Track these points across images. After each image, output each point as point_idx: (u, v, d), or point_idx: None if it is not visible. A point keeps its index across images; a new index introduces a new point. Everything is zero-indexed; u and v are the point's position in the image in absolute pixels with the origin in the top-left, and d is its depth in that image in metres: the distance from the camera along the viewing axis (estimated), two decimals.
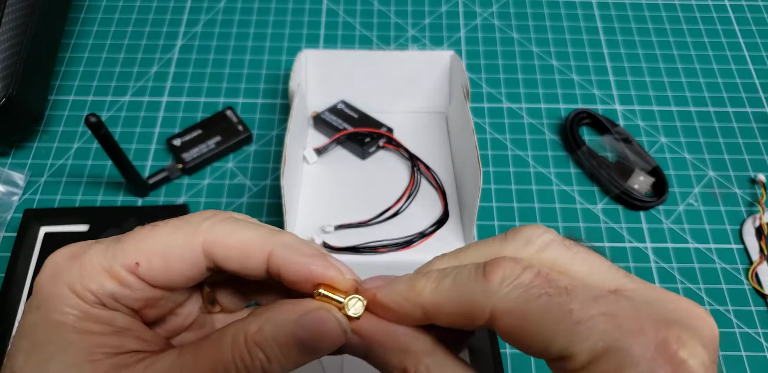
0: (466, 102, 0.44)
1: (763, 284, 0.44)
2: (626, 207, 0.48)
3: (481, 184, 0.39)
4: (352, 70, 0.50)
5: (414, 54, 0.50)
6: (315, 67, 0.50)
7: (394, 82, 0.50)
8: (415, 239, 0.43)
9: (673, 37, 0.58)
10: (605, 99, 0.54)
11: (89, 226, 0.42)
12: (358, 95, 0.51)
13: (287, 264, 0.21)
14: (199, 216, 0.22)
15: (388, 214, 0.45)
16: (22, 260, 0.41)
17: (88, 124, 0.38)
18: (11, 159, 0.50)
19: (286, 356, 0.20)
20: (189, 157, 0.48)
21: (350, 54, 0.50)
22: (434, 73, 0.50)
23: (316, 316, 0.20)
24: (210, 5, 0.59)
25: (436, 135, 0.50)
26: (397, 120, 0.50)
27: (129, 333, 0.21)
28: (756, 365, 0.41)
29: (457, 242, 0.43)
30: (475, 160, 0.40)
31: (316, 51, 0.50)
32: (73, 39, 0.57)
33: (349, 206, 0.45)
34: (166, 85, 0.54)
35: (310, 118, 0.50)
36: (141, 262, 0.21)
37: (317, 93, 0.51)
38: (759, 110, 0.53)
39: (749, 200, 0.48)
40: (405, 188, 0.46)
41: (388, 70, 0.50)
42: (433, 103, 0.51)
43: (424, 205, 0.46)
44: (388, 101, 0.51)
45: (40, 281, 0.21)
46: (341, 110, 0.50)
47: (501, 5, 0.60)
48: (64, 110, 0.52)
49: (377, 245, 0.42)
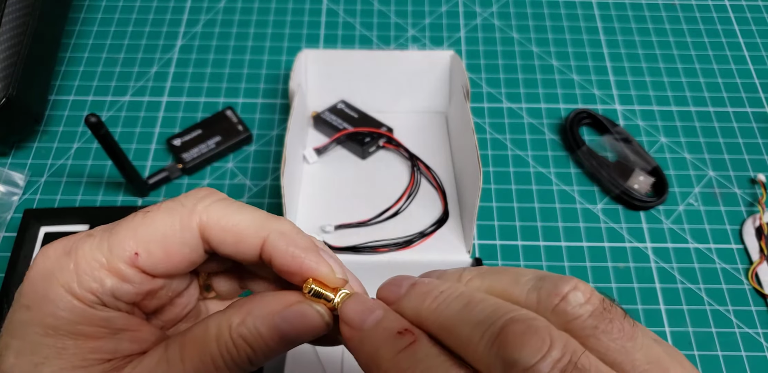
0: (466, 102, 0.44)
1: (763, 284, 0.44)
2: (626, 207, 0.48)
3: (481, 185, 0.39)
4: (352, 70, 0.50)
5: (414, 54, 0.50)
6: (315, 66, 0.50)
7: (394, 82, 0.50)
8: (415, 239, 0.43)
9: (673, 37, 0.58)
10: (605, 99, 0.54)
11: (89, 226, 0.42)
12: (358, 95, 0.51)
13: (280, 255, 0.21)
14: (193, 196, 0.21)
15: (388, 214, 0.45)
16: (22, 260, 0.41)
17: (88, 124, 0.38)
18: (11, 159, 0.50)
19: (269, 346, 0.20)
20: (189, 157, 0.48)
21: (350, 54, 0.50)
22: (434, 72, 0.50)
23: (298, 309, 0.20)
24: (210, 5, 0.59)
25: (436, 135, 0.50)
26: (397, 120, 0.50)
27: (125, 334, 0.21)
28: (756, 366, 0.41)
29: (457, 242, 0.44)
30: (475, 161, 0.40)
31: (316, 51, 0.50)
32: (73, 39, 0.57)
33: (349, 205, 0.45)
34: (166, 85, 0.54)
35: (310, 118, 0.50)
36: (140, 252, 0.20)
37: (317, 93, 0.51)
38: (759, 110, 0.53)
39: (749, 199, 0.48)
40: (405, 187, 0.46)
41: (388, 69, 0.50)
42: (433, 103, 0.51)
43: (424, 204, 0.46)
44: (389, 101, 0.51)
45: (31, 278, 0.20)
46: (341, 110, 0.50)
47: (501, 5, 0.60)
48: (64, 110, 0.52)
49: (377, 244, 0.42)
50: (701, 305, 0.44)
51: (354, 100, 0.51)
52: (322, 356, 0.41)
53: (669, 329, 0.42)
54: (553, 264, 0.45)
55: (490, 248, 0.46)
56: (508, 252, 0.45)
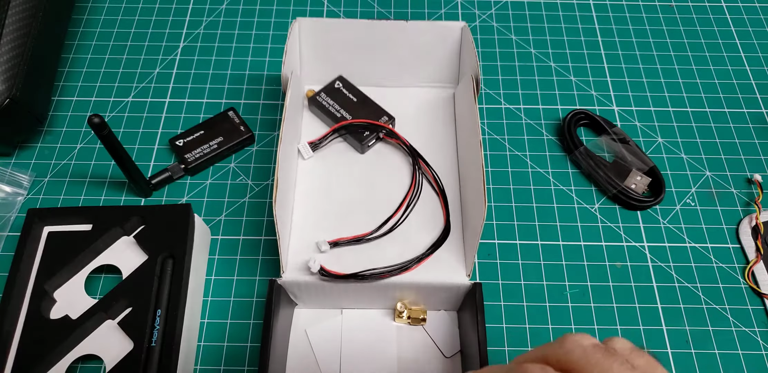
0: (475, 98, 0.42)
1: (760, 283, 0.45)
2: (623, 207, 0.48)
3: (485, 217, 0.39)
4: (352, 42, 0.46)
5: (421, 24, 0.45)
6: (310, 38, 0.46)
7: (397, 56, 0.47)
8: (412, 263, 0.41)
9: (670, 38, 0.58)
10: (603, 100, 0.54)
11: (92, 225, 0.42)
12: (357, 69, 0.47)
13: None
14: None
15: (386, 227, 0.42)
16: (26, 259, 0.41)
17: (92, 124, 0.38)
18: (15, 159, 0.50)
19: None
20: (191, 158, 0.48)
21: (350, 23, 0.46)
22: (443, 46, 0.46)
23: None
24: (212, 7, 0.60)
25: (441, 120, 0.47)
26: (399, 100, 0.47)
27: None
28: (753, 364, 0.42)
29: (457, 265, 0.41)
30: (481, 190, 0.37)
31: (311, 19, 0.45)
32: (76, 40, 0.57)
33: (346, 211, 0.43)
34: (168, 85, 0.54)
35: (305, 98, 0.47)
36: None
37: (313, 67, 0.48)
38: (755, 111, 0.53)
39: (746, 199, 0.49)
40: (405, 191, 0.44)
41: (392, 41, 0.46)
42: (441, 78, 0.48)
43: (425, 214, 0.43)
44: (391, 76, 0.48)
45: None
46: (338, 90, 0.47)
47: (499, 7, 0.60)
48: (68, 111, 0.53)
49: (380, 271, 0.40)
50: (698, 303, 0.44)
51: (353, 75, 0.47)
52: (321, 357, 0.42)
53: (666, 328, 0.43)
54: (551, 263, 0.45)
55: (491, 267, 0.46)
56: (507, 252, 0.46)
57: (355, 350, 0.41)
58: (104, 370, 0.38)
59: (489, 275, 0.45)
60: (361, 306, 0.43)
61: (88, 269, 0.42)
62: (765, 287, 0.44)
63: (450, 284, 0.40)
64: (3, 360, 0.38)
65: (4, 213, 0.47)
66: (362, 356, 0.41)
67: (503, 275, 0.45)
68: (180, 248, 0.41)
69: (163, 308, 0.39)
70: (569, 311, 0.44)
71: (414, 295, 0.41)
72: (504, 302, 0.44)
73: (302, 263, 0.40)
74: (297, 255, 0.41)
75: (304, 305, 0.43)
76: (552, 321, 0.43)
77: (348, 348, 0.41)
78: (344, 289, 0.40)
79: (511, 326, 0.43)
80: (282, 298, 0.39)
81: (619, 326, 0.43)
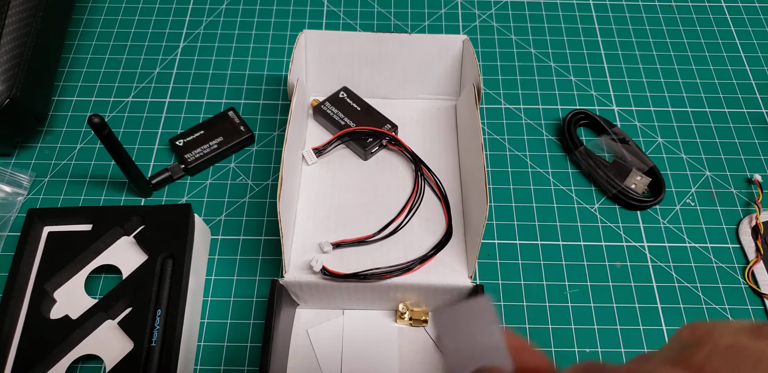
0: (476, 106, 0.42)
1: (760, 283, 0.45)
2: (623, 207, 0.48)
3: (486, 217, 0.39)
4: (357, 54, 0.47)
5: (424, 37, 0.47)
6: (316, 49, 0.47)
7: (401, 68, 0.48)
8: (415, 264, 0.41)
9: (670, 38, 0.58)
10: (602, 100, 0.54)
11: (92, 225, 0.42)
12: (361, 81, 0.48)
13: None
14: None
15: (389, 230, 0.43)
16: (26, 259, 0.41)
17: (92, 124, 0.38)
18: (15, 159, 0.50)
19: None
20: (191, 158, 0.48)
21: (355, 36, 0.47)
22: (445, 59, 0.47)
23: None
24: (212, 7, 0.60)
25: (443, 130, 0.48)
26: (402, 111, 0.48)
27: None
28: None
29: (459, 266, 0.41)
30: (483, 192, 0.37)
31: (317, 32, 0.47)
32: (76, 40, 0.57)
33: (350, 215, 0.43)
34: (168, 85, 0.54)
35: (310, 107, 0.48)
36: None
37: (318, 78, 0.49)
38: (755, 111, 0.54)
39: (745, 199, 0.49)
40: (407, 197, 0.44)
41: (395, 54, 0.47)
42: (443, 92, 0.49)
43: (427, 218, 0.43)
44: (394, 88, 0.49)
45: None
46: (343, 100, 0.48)
47: (499, 7, 0.60)
48: (68, 111, 0.53)
49: (381, 271, 0.40)
50: (698, 303, 0.44)
51: (357, 87, 0.48)
52: (320, 357, 0.42)
53: (666, 328, 0.43)
54: (550, 263, 0.45)
55: (491, 267, 0.46)
56: (507, 252, 0.46)
57: (356, 351, 0.41)
58: (104, 370, 0.38)
59: (489, 275, 0.45)
60: (362, 307, 0.43)
61: (88, 269, 0.42)
62: (765, 287, 0.44)
63: (452, 286, 0.40)
64: (3, 360, 0.38)
65: (4, 213, 0.47)
66: (363, 357, 0.41)
67: (503, 275, 0.45)
68: (180, 248, 0.41)
69: (163, 308, 0.39)
70: (569, 311, 0.44)
71: (416, 296, 0.41)
72: (504, 302, 0.44)
73: (304, 263, 0.40)
74: (299, 255, 0.41)
75: (305, 306, 0.43)
76: (552, 321, 0.43)
77: (349, 349, 0.41)
78: (346, 289, 0.40)
79: (511, 326, 0.43)
80: (284, 298, 0.39)
81: (619, 326, 0.43)
